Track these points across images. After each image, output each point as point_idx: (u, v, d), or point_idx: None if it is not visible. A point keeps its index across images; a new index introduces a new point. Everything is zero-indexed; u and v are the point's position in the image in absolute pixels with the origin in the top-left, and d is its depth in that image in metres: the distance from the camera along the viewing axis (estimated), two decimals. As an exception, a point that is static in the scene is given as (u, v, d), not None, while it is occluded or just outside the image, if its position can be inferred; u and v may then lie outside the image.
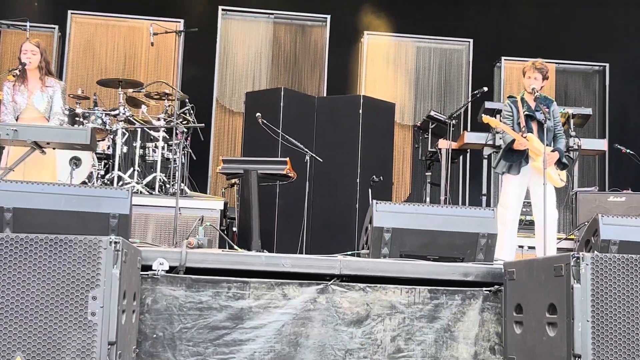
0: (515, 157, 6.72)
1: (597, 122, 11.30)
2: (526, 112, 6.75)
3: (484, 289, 4.77)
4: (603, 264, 3.78)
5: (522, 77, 6.90)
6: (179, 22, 10.38)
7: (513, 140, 6.63)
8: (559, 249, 7.24)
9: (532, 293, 4.23)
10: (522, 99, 6.83)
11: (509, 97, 7.02)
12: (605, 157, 10.73)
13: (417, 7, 11.24)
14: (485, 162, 9.69)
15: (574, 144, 8.79)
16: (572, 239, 8.00)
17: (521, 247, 7.69)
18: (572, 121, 9.20)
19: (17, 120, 6.45)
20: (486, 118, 6.91)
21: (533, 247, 7.30)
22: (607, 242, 5.33)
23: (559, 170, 6.79)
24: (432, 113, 9.60)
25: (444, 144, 8.95)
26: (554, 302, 3.92)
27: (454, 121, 9.04)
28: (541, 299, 4.06)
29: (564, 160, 6.83)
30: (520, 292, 4.40)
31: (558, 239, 7.71)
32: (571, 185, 9.25)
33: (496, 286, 4.74)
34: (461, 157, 10.10)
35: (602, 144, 9.63)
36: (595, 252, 4.40)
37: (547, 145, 6.53)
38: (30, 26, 9.32)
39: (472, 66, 11.26)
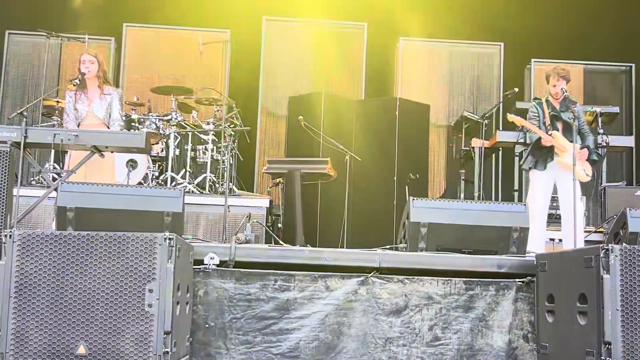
0: (542, 154, 6.69)
1: (624, 120, 11.09)
2: (552, 113, 6.73)
3: (517, 280, 4.74)
4: (631, 255, 3.74)
5: (546, 82, 6.87)
6: (226, 32, 10.43)
7: (539, 138, 6.60)
8: (588, 242, 7.15)
9: (563, 283, 4.18)
10: (547, 101, 6.80)
11: (535, 99, 7.00)
12: (632, 153, 10.54)
13: (449, 13, 11.13)
14: (516, 159, 9.59)
15: (602, 141, 8.66)
16: (601, 232, 7.87)
17: (552, 240, 7.59)
18: (600, 119, 9.05)
19: (78, 126, 6.54)
20: (511, 117, 6.88)
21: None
22: (635, 235, 5.26)
23: (585, 165, 6.72)
24: (466, 113, 9.52)
25: (477, 143, 8.87)
26: (585, 292, 3.88)
27: (486, 121, 8.96)
28: (572, 289, 4.01)
29: (594, 156, 6.76)
30: (551, 283, 4.35)
31: (587, 231, 7.62)
32: (600, 180, 9.11)
33: (529, 277, 4.70)
34: (494, 155, 10.00)
35: (629, 141, 9.53)
36: (624, 244, 4.35)
37: (574, 142, 6.48)
38: (88, 38, 9.44)
39: (503, 68, 11.13)
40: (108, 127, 6.63)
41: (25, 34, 10.76)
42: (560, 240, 7.34)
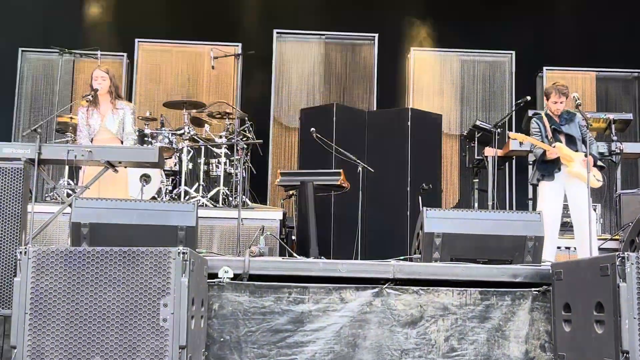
0: (549, 166, 6.70)
1: (638, 126, 11.04)
2: (553, 127, 6.74)
3: (533, 289, 4.71)
4: (648, 263, 3.70)
5: (545, 98, 6.88)
6: (237, 45, 10.47)
7: (544, 152, 6.62)
8: (604, 249, 7.11)
9: (579, 292, 4.15)
10: (547, 115, 6.82)
11: (534, 114, 7.03)
12: (647, 159, 10.50)
13: (460, 23, 11.15)
14: (530, 168, 9.53)
15: (616, 148, 8.63)
16: (617, 239, 7.81)
17: (568, 248, 7.54)
18: (613, 126, 9.02)
19: (92, 141, 6.57)
20: (513, 134, 6.91)
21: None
22: (651, 242, 5.22)
23: (594, 171, 6.70)
24: (478, 122, 9.50)
25: (490, 152, 8.84)
26: (601, 301, 3.84)
27: (499, 129, 8.93)
28: (588, 298, 3.98)
29: (599, 163, 6.77)
30: (568, 292, 4.32)
31: (603, 239, 7.58)
32: (615, 187, 9.05)
33: (544, 286, 4.67)
34: (507, 164, 9.97)
35: (643, 148, 9.47)
36: (640, 251, 4.31)
37: (581, 150, 6.55)
38: (101, 54, 9.51)
39: (515, 77, 11.12)
40: (121, 142, 6.65)
41: (38, 51, 10.86)
42: (575, 248, 7.30)
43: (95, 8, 10.96)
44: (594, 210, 7.04)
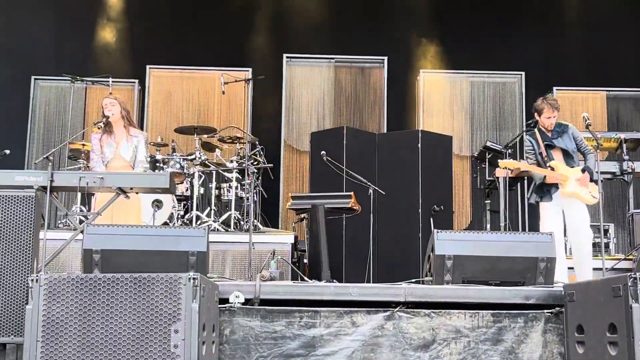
0: (546, 187, 6.70)
1: (649, 145, 11.00)
2: (545, 143, 6.72)
3: (546, 311, 4.68)
4: (661, 283, 3.68)
5: (536, 114, 6.84)
6: (248, 70, 10.54)
7: (544, 177, 6.62)
8: (617, 270, 7.06)
9: (592, 314, 4.13)
10: (539, 130, 6.80)
11: (526, 131, 7.01)
12: (660, 179, 10.43)
13: (469, 44, 11.19)
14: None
15: (628, 167, 8.58)
16: (630, 259, 7.76)
17: (570, 268, 7.51)
18: (625, 146, 8.98)
19: (105, 167, 6.61)
20: (503, 163, 6.88)
21: (593, 269, 7.15)
22: (664, 262, 5.19)
23: (590, 188, 6.66)
24: (489, 143, 9.49)
25: (501, 173, 8.80)
26: (614, 322, 3.82)
27: (509, 150, 8.93)
28: (601, 319, 3.96)
29: (595, 177, 6.70)
30: (580, 313, 4.29)
31: (616, 259, 7.53)
32: (627, 206, 9.00)
33: (557, 308, 4.65)
34: (519, 184, 9.94)
35: (656, 167, 9.40)
36: (653, 271, 4.27)
37: (577, 166, 6.60)
38: (112, 81, 9.59)
39: (525, 97, 11.12)
40: (133, 169, 6.69)
41: (50, 79, 10.98)
42: (573, 268, 7.27)
43: (107, 35, 11.08)
44: (606, 230, 6.99)
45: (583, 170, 6.67)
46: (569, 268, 7.17)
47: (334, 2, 11.32)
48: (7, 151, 8.65)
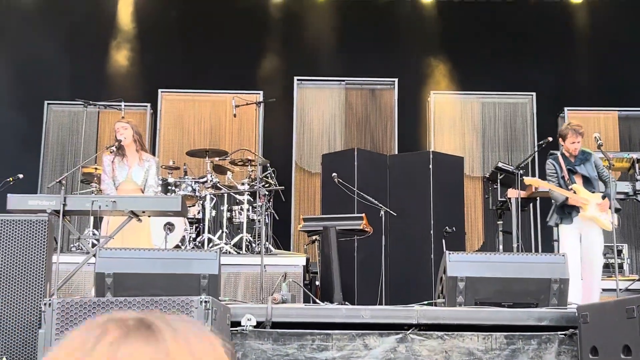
0: (567, 209, 6.67)
1: (662, 164, 10.95)
2: (568, 168, 6.72)
3: (559, 332, 4.65)
4: (675, 304, 3.65)
5: (561, 139, 6.85)
6: (259, 93, 10.61)
7: (566, 198, 6.60)
8: (631, 290, 7.03)
9: (606, 335, 4.10)
10: (562, 155, 6.80)
11: (550, 154, 6.99)
12: (674, 198, 10.37)
13: (479, 65, 11.23)
14: (554, 209, 9.47)
15: (642, 187, 8.55)
16: (644, 280, 7.72)
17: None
18: (637, 165, 8.94)
19: (116, 189, 6.65)
20: (529, 180, 6.89)
21: (606, 289, 7.13)
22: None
23: (610, 214, 6.66)
24: (500, 164, 9.47)
25: (513, 194, 8.79)
26: (628, 344, 3.79)
27: (521, 171, 8.90)
28: (615, 341, 3.93)
29: (615, 205, 6.71)
30: (594, 335, 4.27)
31: (631, 280, 7.49)
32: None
33: (571, 330, 4.62)
34: (531, 205, 9.91)
35: (669, 186, 9.35)
36: (667, 292, 4.25)
37: (598, 192, 6.58)
38: (125, 105, 9.67)
39: (537, 118, 11.12)
40: (143, 192, 6.72)
41: (63, 104, 11.07)
42: (605, 289, 7.23)
43: (119, 60, 11.18)
44: (620, 251, 6.96)
45: (603, 197, 6.65)
46: (604, 289, 7.18)
47: (344, 24, 11.39)
48: (21, 175, 8.74)
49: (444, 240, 8.56)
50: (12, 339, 4.16)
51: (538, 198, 9.65)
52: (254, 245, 8.60)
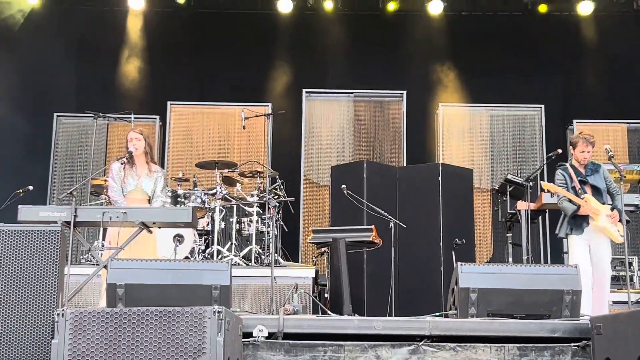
0: (578, 220, 6.63)
1: (671, 177, 10.93)
2: (579, 179, 6.70)
3: (572, 344, 4.63)
4: (690, 315, 3.63)
5: (571, 148, 6.85)
6: (267, 105, 10.65)
7: (577, 208, 6.56)
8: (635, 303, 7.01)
9: (619, 346, 4.07)
10: (572, 166, 6.78)
11: (559, 165, 6.97)
12: (679, 211, 10.34)
13: (488, 77, 11.24)
14: (562, 221, 9.44)
15: (650, 199, 8.53)
16: (656, 292, 7.69)
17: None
18: (646, 178, 8.94)
19: (124, 197, 6.64)
20: (546, 185, 6.85)
21: (617, 302, 7.10)
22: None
23: (618, 226, 6.63)
24: (509, 176, 9.46)
25: (522, 206, 8.78)
26: (644, 355, 3.77)
27: (530, 183, 8.88)
28: (629, 352, 3.90)
29: (626, 217, 6.69)
30: (608, 346, 4.24)
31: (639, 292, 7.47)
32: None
33: (584, 341, 4.60)
34: (540, 217, 9.88)
35: (677, 198, 9.32)
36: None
37: (607, 204, 6.55)
38: (134, 117, 9.69)
39: (545, 130, 11.12)
40: (150, 202, 6.73)
41: (72, 116, 11.11)
42: (615, 302, 7.20)
43: (128, 72, 11.22)
44: (630, 263, 6.94)
45: (612, 209, 6.62)
46: (615, 302, 7.14)
47: (353, 37, 11.42)
48: (31, 187, 8.76)
49: (453, 252, 8.54)
50: (25, 350, 4.16)
51: (547, 210, 9.63)
52: (263, 257, 8.59)
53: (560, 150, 8.10)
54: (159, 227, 6.14)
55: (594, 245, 6.63)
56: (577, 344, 4.61)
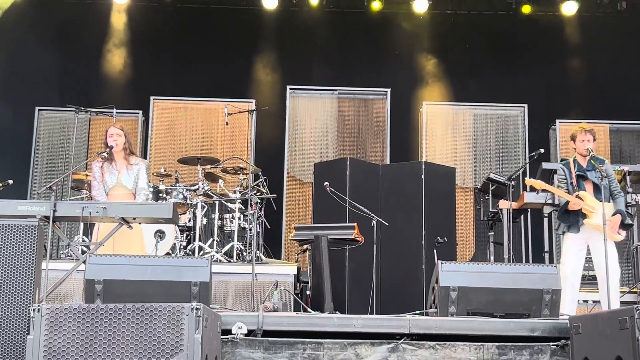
0: (572, 217, 6.58)
1: (653, 177, 10.99)
2: (577, 172, 6.63)
3: (551, 343, 4.64)
4: (668, 315, 3.63)
5: (572, 142, 6.80)
6: (251, 102, 10.61)
7: (567, 202, 6.51)
8: (623, 302, 6.98)
9: (598, 346, 4.08)
10: (574, 160, 6.73)
11: (562, 160, 6.92)
12: (663, 211, 10.39)
13: (471, 76, 11.27)
14: (545, 220, 9.48)
15: (632, 200, 8.54)
16: (635, 292, 7.71)
17: (585, 301, 7.44)
18: (628, 178, 8.96)
19: (107, 195, 6.60)
20: (530, 181, 6.81)
21: (597, 301, 7.07)
22: (671, 294, 5.14)
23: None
24: (492, 175, 9.48)
25: (504, 205, 8.79)
26: (621, 355, 3.77)
27: (513, 182, 8.90)
28: (608, 352, 3.91)
29: (627, 221, 6.60)
30: (587, 346, 4.25)
31: (621, 292, 7.44)
32: (631, 239, 8.96)
33: (563, 340, 4.61)
34: (522, 217, 9.91)
35: (659, 199, 9.36)
36: (660, 304, 4.24)
37: (604, 201, 6.35)
38: (116, 112, 9.63)
39: (528, 129, 11.16)
40: (134, 197, 6.68)
41: (54, 110, 11.02)
42: (595, 301, 7.20)
43: (111, 67, 11.15)
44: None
45: (614, 214, 6.52)
46: (594, 302, 7.10)
47: (338, 34, 11.41)
48: (10, 181, 8.67)
49: (435, 251, 8.55)
50: (-1, 345, 4.11)
51: (529, 209, 9.66)
52: (244, 253, 8.56)
53: (542, 150, 8.12)
54: (140, 223, 6.11)
55: (593, 243, 6.55)
56: (556, 343, 4.62)
